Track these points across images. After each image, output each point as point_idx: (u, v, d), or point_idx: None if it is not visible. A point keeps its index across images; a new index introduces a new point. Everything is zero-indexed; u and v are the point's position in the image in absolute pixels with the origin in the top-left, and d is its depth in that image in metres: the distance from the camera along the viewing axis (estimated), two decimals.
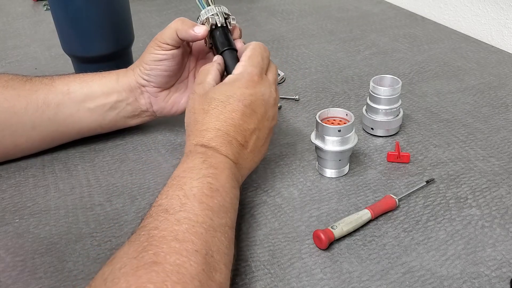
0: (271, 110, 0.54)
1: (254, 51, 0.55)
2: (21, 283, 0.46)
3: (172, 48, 0.59)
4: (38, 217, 0.54)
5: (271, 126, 0.54)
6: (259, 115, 0.52)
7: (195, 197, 0.43)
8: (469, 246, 0.48)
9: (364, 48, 0.93)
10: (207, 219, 0.42)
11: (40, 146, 0.63)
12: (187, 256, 0.37)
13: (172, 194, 0.43)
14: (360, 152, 0.63)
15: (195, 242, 0.39)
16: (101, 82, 0.61)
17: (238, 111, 0.51)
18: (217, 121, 0.50)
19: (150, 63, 0.60)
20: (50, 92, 0.60)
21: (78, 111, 0.61)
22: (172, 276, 0.35)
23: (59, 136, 0.63)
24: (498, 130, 0.66)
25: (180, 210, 0.41)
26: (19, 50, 0.98)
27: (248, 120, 0.51)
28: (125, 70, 0.63)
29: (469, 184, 0.57)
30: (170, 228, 0.39)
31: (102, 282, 0.36)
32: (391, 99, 0.63)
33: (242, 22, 1.09)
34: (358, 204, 0.54)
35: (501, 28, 0.94)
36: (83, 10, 0.68)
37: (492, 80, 0.80)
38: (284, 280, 0.45)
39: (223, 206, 0.44)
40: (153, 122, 0.70)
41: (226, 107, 0.51)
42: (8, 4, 1.27)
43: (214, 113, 0.51)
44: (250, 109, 0.51)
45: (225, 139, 0.50)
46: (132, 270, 0.36)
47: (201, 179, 0.45)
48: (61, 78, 0.61)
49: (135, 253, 0.37)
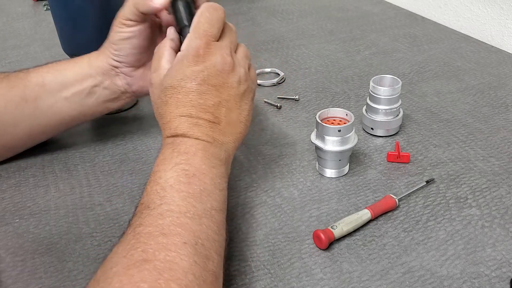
0: (231, 76, 0.50)
1: (202, 16, 0.51)
2: (21, 283, 0.46)
3: (136, 23, 0.56)
4: (38, 217, 0.54)
5: (240, 92, 0.51)
6: (218, 87, 0.49)
7: (172, 188, 0.42)
8: (469, 246, 0.48)
9: (364, 48, 0.93)
10: (190, 207, 0.41)
11: (28, 142, 0.62)
12: (176, 251, 0.37)
13: (150, 190, 0.43)
14: (360, 152, 0.63)
15: (182, 234, 0.38)
16: (74, 69, 0.59)
17: (193, 92, 0.48)
18: (177, 109, 0.48)
19: (117, 43, 0.58)
20: (26, 87, 0.58)
21: (56, 102, 0.59)
22: (164, 273, 0.35)
23: (44, 129, 0.61)
24: (498, 130, 0.66)
25: (160, 203, 0.41)
26: (19, 50, 0.98)
27: (208, 96, 0.49)
28: (97, 52, 0.60)
29: (469, 184, 0.57)
30: (155, 223, 0.39)
31: (95, 284, 0.36)
32: (391, 99, 0.63)
33: (242, 22, 1.09)
34: (358, 204, 0.54)
35: (501, 28, 0.94)
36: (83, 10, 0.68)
37: (492, 80, 0.80)
38: (284, 280, 0.45)
39: (204, 190, 0.43)
40: (153, 122, 0.70)
41: (180, 92, 0.48)
42: (8, 4, 1.27)
43: (172, 102, 0.48)
44: (206, 85, 0.48)
45: (190, 122, 0.48)
46: (123, 269, 0.35)
47: (174, 168, 0.44)
48: (36, 70, 0.60)
49: (124, 251, 0.37)
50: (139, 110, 0.74)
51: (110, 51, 0.59)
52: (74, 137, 0.66)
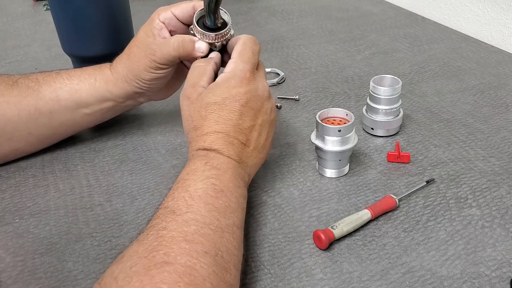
0: (267, 103, 0.53)
1: (245, 45, 0.54)
2: (21, 283, 0.46)
3: (173, 64, 0.58)
4: (38, 217, 0.54)
5: (270, 119, 0.54)
6: (256, 111, 0.52)
7: (200, 198, 0.43)
8: (469, 246, 0.48)
9: (364, 48, 0.93)
10: (214, 220, 0.42)
11: (39, 147, 0.63)
12: (197, 258, 0.38)
13: (178, 196, 0.44)
14: (360, 152, 0.63)
15: (204, 244, 0.39)
16: (91, 92, 0.60)
17: (235, 112, 0.50)
18: (216, 125, 0.50)
19: (149, 82, 0.59)
20: (40, 99, 0.59)
21: (73, 116, 0.61)
22: (185, 277, 0.36)
23: (58, 137, 0.63)
24: (498, 130, 0.66)
25: (187, 211, 0.42)
26: (19, 50, 0.98)
27: (246, 118, 0.51)
28: (114, 79, 0.60)
29: (469, 184, 0.56)
30: (179, 229, 0.40)
31: (112, 281, 0.36)
32: (391, 99, 0.63)
33: (242, 22, 1.09)
34: (358, 204, 0.54)
35: (501, 28, 0.94)
36: (83, 10, 0.68)
37: (492, 80, 0.79)
38: (284, 280, 0.45)
39: (229, 207, 0.44)
40: (153, 122, 0.70)
41: (223, 110, 0.50)
42: (8, 4, 1.27)
43: (212, 118, 0.50)
44: (247, 107, 0.51)
45: (226, 140, 0.49)
46: (144, 269, 0.36)
47: (205, 181, 0.45)
48: (47, 83, 0.59)
49: (146, 252, 0.37)
50: (139, 110, 0.73)
51: (138, 84, 0.59)
52: (74, 137, 0.66)
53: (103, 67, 0.61)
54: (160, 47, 0.56)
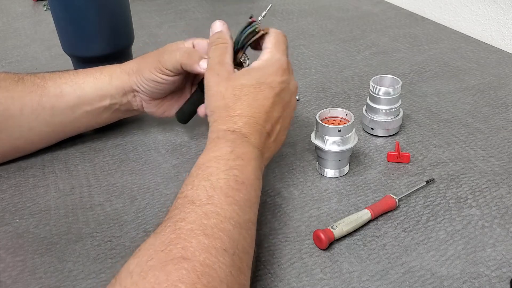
0: (293, 99, 0.54)
1: (278, 38, 0.54)
2: (21, 283, 0.46)
3: (174, 75, 0.59)
4: (38, 217, 0.54)
5: (292, 116, 0.54)
6: (285, 104, 0.52)
7: (221, 190, 0.42)
8: (469, 246, 0.48)
9: (364, 48, 0.93)
10: (234, 214, 0.41)
11: (39, 146, 0.63)
12: (216, 256, 0.36)
13: (198, 184, 0.42)
14: (360, 152, 0.63)
15: (224, 240, 0.38)
16: (94, 85, 0.61)
17: (269, 99, 0.50)
18: (250, 108, 0.49)
19: (148, 82, 0.60)
20: (44, 95, 0.59)
21: (73, 113, 0.61)
22: (203, 278, 0.34)
23: (57, 136, 0.63)
24: (498, 130, 0.66)
25: (207, 203, 0.40)
26: (19, 50, 0.98)
27: (276, 108, 0.51)
28: (119, 71, 0.61)
29: (469, 184, 0.57)
30: (198, 221, 0.38)
31: (128, 275, 0.35)
32: (391, 99, 0.63)
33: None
34: (358, 204, 0.54)
35: (501, 28, 0.94)
36: (83, 10, 0.68)
37: (492, 80, 0.80)
38: (284, 280, 0.45)
39: (248, 200, 0.43)
40: (153, 122, 0.70)
41: (258, 94, 0.50)
42: (8, 4, 1.27)
43: (247, 100, 0.49)
44: (280, 97, 0.51)
45: (255, 127, 0.49)
46: (160, 264, 0.35)
47: (228, 171, 0.44)
48: (53, 79, 0.61)
49: (162, 245, 0.36)
50: None
51: (137, 79, 0.60)
52: (74, 137, 0.66)
53: (113, 65, 0.63)
54: (170, 52, 0.58)
